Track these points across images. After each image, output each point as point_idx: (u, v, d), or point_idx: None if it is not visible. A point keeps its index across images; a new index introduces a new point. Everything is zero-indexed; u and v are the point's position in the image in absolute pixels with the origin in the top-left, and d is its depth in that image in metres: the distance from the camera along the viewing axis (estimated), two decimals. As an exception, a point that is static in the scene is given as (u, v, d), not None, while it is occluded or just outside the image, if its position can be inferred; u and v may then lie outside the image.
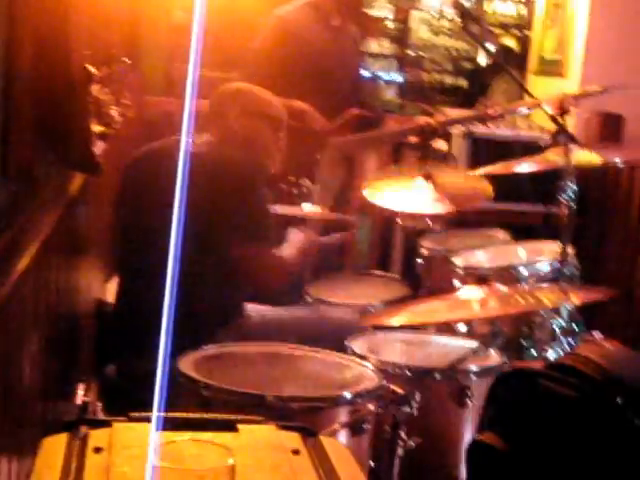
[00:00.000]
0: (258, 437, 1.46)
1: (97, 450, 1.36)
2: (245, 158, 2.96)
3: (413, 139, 3.92)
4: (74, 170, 2.01)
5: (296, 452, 1.43)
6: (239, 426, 1.48)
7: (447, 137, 4.73)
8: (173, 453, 1.04)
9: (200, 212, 2.58)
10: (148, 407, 1.34)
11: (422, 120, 3.84)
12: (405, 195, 3.48)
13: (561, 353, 2.84)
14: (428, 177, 3.46)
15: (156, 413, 0.97)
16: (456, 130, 4.85)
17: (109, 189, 3.02)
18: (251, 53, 4.10)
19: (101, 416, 2.62)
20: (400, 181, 3.59)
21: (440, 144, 4.26)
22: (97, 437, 1.40)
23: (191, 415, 1.53)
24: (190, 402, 2.21)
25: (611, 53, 5.05)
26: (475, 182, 3.66)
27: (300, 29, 4.04)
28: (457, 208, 3.67)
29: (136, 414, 1.46)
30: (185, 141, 0.99)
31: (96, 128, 1.88)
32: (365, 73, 5.68)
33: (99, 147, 1.92)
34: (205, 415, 1.55)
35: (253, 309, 3.06)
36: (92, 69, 1.72)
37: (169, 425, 1.34)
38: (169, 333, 0.96)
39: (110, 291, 3.13)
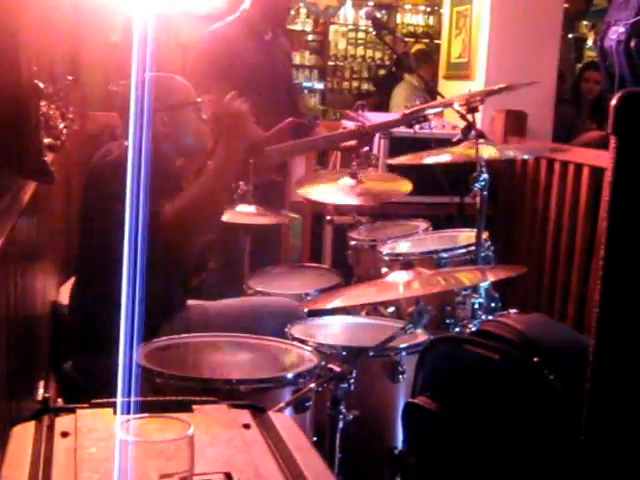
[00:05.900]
0: (211, 415, 1.48)
1: (64, 434, 1.37)
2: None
3: (350, 143, 3.95)
4: (29, 179, 2.01)
5: (247, 427, 1.45)
6: (194, 407, 1.50)
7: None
8: (135, 430, 1.06)
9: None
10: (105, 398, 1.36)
11: (356, 126, 3.89)
12: (333, 192, 3.53)
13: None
14: (354, 175, 3.52)
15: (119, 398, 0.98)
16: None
17: (58, 197, 3.00)
18: (187, 68, 4.08)
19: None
20: (328, 180, 3.64)
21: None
22: (63, 423, 1.41)
23: (148, 399, 1.54)
24: (143, 391, 2.21)
25: (512, 56, 5.17)
26: (394, 179, 3.74)
27: (231, 43, 4.03)
28: (379, 202, 3.73)
29: (97, 401, 1.47)
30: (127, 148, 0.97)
31: (46, 140, 1.89)
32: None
33: (49, 158, 1.91)
34: (161, 398, 1.56)
35: (194, 303, 3.01)
36: (41, 85, 1.73)
37: (128, 409, 1.36)
38: (130, 325, 0.96)
39: (64, 294, 3.11)
